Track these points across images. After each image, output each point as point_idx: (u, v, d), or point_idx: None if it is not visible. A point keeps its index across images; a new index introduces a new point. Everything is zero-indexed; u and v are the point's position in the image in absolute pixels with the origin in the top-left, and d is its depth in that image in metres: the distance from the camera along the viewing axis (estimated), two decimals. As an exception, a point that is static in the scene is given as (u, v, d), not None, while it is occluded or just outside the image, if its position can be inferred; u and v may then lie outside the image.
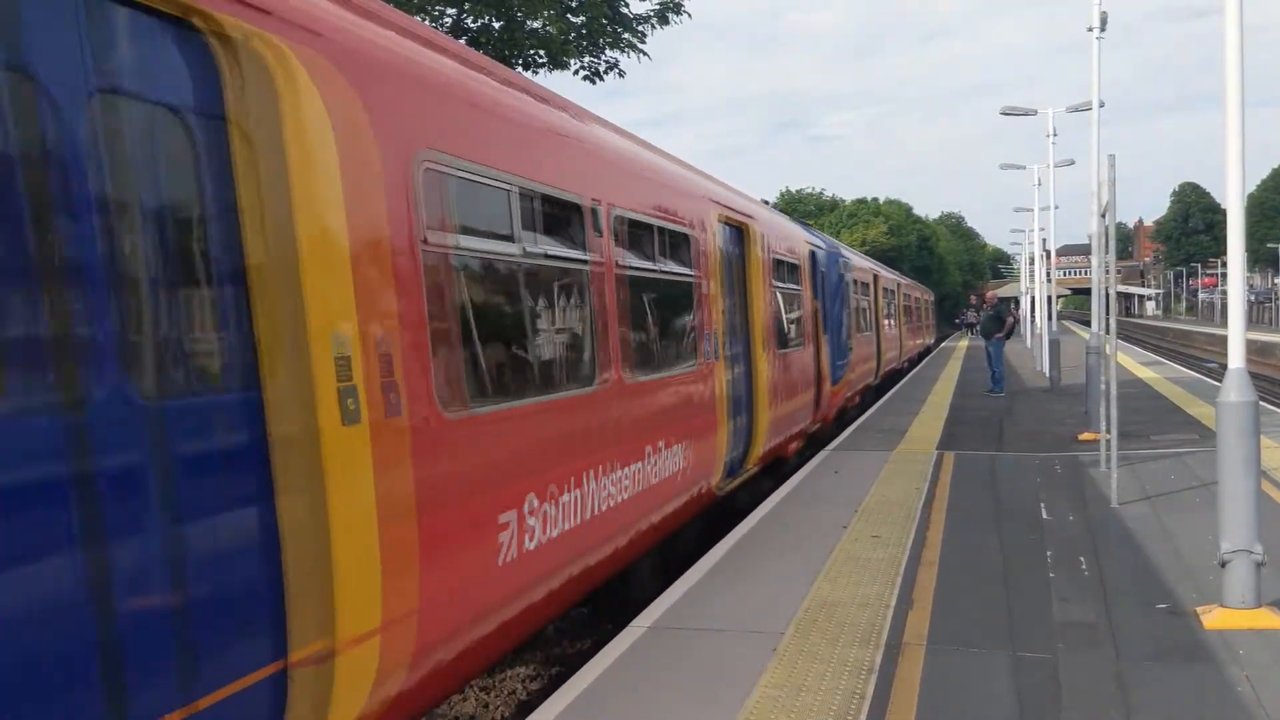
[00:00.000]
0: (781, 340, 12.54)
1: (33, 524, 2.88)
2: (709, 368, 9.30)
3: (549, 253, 6.10)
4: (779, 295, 12.62)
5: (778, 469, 12.67)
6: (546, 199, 6.09)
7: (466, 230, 5.18)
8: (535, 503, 5.59)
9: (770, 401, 11.48)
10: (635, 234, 7.66)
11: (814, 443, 15.10)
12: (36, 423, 2.91)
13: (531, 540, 5.52)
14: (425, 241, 4.67)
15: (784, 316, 12.94)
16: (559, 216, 6.32)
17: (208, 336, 3.62)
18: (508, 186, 5.61)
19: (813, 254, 15.49)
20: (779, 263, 12.70)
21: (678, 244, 8.69)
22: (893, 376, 28.51)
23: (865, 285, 23.08)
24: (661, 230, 8.26)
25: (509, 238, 5.66)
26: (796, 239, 14.56)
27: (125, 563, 3.14)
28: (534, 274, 5.96)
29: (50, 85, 2.95)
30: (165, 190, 3.44)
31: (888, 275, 30.65)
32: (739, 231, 10.96)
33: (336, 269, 3.98)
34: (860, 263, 23.85)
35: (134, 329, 3.26)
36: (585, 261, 6.62)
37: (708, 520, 9.95)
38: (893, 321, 29.05)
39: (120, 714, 3.09)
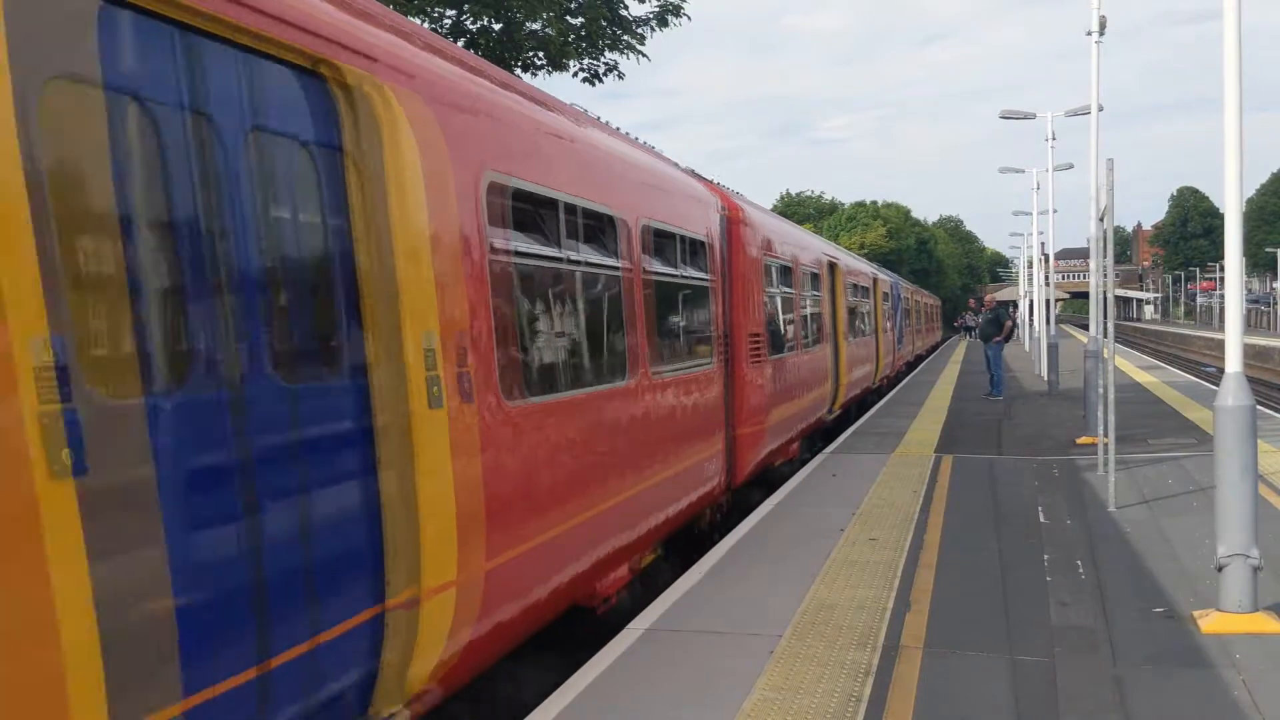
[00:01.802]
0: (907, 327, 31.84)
1: None
2: (874, 338, 23.77)
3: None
4: (883, 307, 26.54)
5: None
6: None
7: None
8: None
9: (883, 354, 25.54)
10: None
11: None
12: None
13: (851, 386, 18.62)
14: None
15: (888, 319, 27.52)
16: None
17: None
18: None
19: (892, 285, 30.90)
20: (884, 293, 26.98)
21: (866, 293, 22.43)
22: (915, 361, 40.35)
23: (906, 299, 36.99)
24: (876, 293, 24.83)
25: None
26: (889, 278, 31.26)
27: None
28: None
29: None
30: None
31: (917, 291, 47.19)
32: (871, 280, 24.85)
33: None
34: (905, 284, 38.96)
35: None
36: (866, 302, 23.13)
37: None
38: (918, 322, 43.41)
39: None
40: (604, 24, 16.59)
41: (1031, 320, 45.09)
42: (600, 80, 17.40)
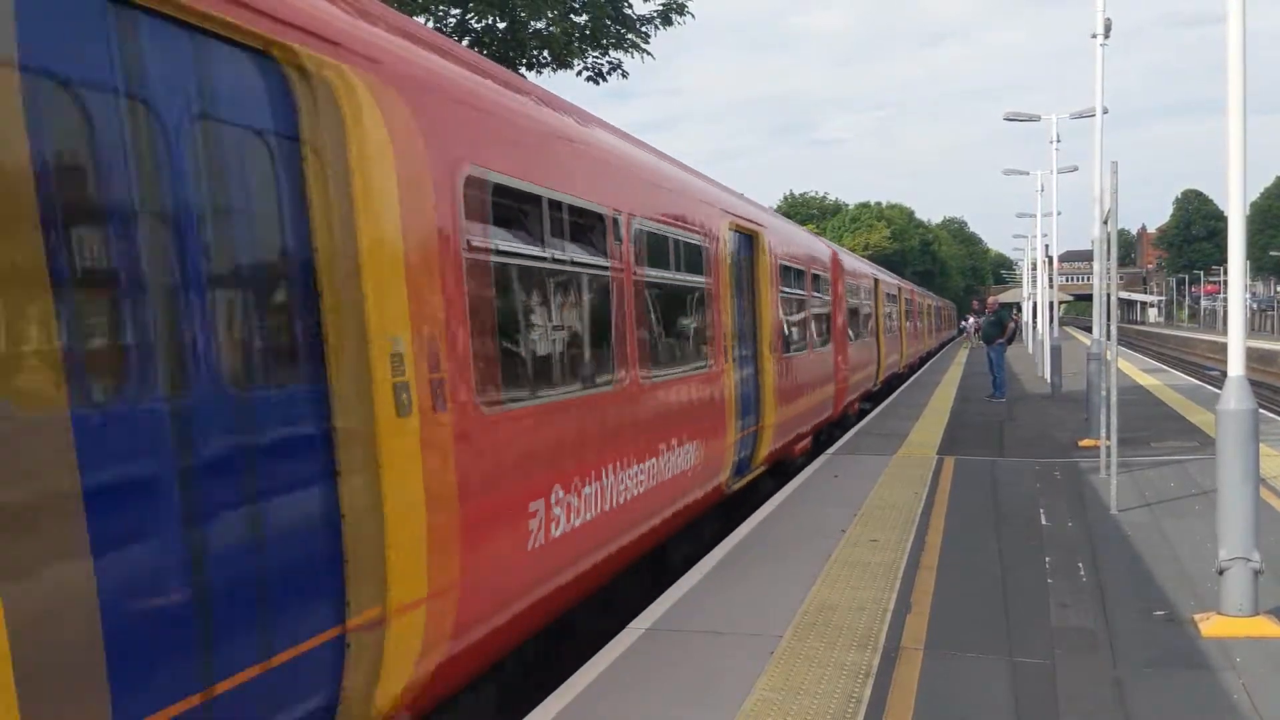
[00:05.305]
0: (923, 327, 44.69)
1: None
2: (897, 334, 30.33)
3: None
4: (924, 313, 45.16)
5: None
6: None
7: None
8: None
9: (911, 341, 35.90)
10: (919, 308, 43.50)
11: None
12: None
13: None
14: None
15: (922, 320, 43.93)
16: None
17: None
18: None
19: (935, 303, 57.05)
20: (923, 301, 46.10)
21: (893, 299, 30.30)
22: (936, 348, 53.72)
23: (935, 305, 55.58)
24: (900, 298, 34.82)
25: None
26: (926, 296, 51.16)
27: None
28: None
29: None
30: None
31: (939, 299, 64.94)
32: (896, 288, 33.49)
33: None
34: (934, 296, 57.29)
35: None
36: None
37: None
38: (933, 321, 56.07)
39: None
40: (608, 22, 16.60)
41: (1035, 322, 45.13)
42: (604, 79, 17.41)
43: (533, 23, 15.99)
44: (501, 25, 16.06)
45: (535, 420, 5.78)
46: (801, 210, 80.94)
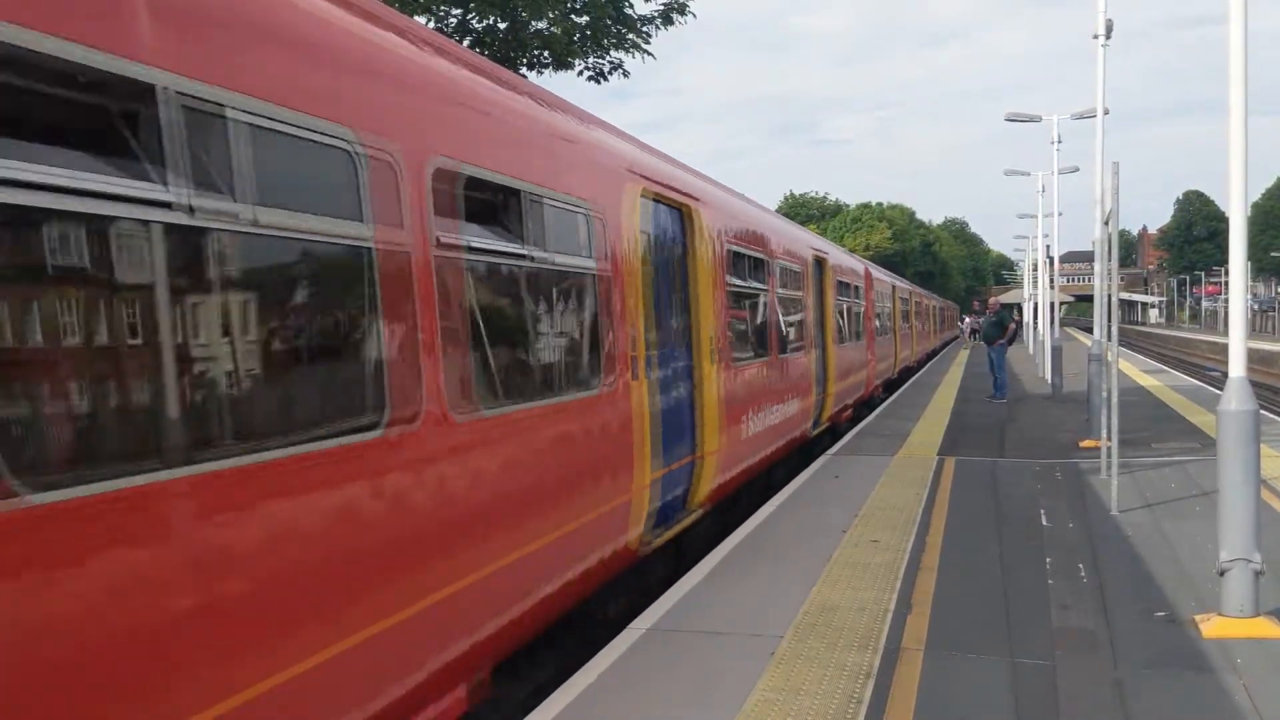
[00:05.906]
0: (929, 326, 49.74)
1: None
2: (910, 332, 35.78)
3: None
4: (930, 314, 50.29)
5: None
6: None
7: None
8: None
9: (920, 339, 41.70)
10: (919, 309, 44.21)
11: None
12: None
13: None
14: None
15: (929, 320, 49.27)
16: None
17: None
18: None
19: (939, 305, 62.06)
20: (929, 304, 50.70)
21: (905, 302, 35.15)
22: (940, 346, 57.99)
23: (939, 307, 59.41)
24: (929, 304, 51.41)
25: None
26: (931, 299, 55.77)
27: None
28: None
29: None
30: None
31: (942, 300, 69.46)
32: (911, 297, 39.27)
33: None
34: (938, 298, 62.42)
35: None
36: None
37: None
38: (942, 323, 63.32)
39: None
40: (608, 22, 16.60)
41: (1036, 323, 45.15)
42: (605, 79, 17.40)
43: (534, 23, 15.99)
44: (502, 25, 16.06)
45: (744, 371, 10.60)
46: (802, 211, 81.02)
